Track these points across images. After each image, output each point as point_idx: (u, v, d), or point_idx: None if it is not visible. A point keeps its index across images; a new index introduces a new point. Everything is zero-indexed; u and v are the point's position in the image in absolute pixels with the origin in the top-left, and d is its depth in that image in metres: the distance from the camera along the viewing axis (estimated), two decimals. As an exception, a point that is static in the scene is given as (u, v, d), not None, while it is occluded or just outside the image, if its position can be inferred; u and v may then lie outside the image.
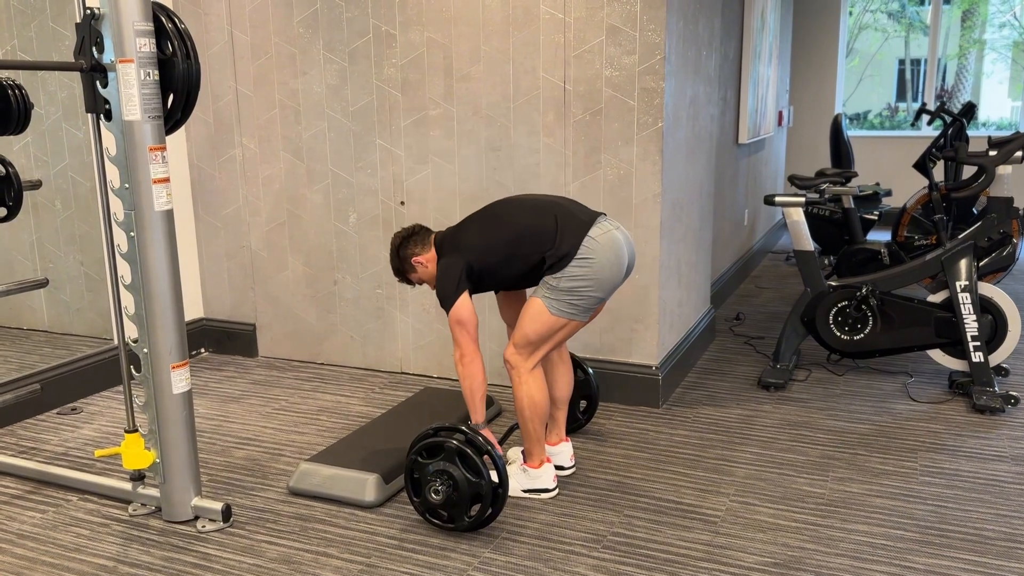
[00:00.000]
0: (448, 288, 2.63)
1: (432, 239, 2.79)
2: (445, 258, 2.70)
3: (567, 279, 2.61)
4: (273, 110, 4.07)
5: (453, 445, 2.54)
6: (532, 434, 2.78)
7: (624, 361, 3.63)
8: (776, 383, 3.81)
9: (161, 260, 2.54)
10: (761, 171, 6.56)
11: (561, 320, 2.65)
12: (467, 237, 2.70)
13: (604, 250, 2.62)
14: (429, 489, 2.56)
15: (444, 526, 2.62)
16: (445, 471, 2.55)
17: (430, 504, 2.59)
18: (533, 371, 2.72)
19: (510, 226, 2.67)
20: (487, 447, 2.54)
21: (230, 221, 4.31)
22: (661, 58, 3.30)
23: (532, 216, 2.67)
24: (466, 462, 2.54)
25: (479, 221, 2.74)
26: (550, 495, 2.85)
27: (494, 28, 3.54)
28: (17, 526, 2.68)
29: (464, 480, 2.54)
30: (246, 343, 4.42)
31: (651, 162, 3.41)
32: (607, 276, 2.64)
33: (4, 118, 2.77)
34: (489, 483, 2.54)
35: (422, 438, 2.59)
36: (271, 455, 3.20)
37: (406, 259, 2.77)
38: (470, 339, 2.64)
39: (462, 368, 2.66)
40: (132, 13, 2.37)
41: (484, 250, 2.67)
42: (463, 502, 2.55)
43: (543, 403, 2.75)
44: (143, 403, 2.64)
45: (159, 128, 2.48)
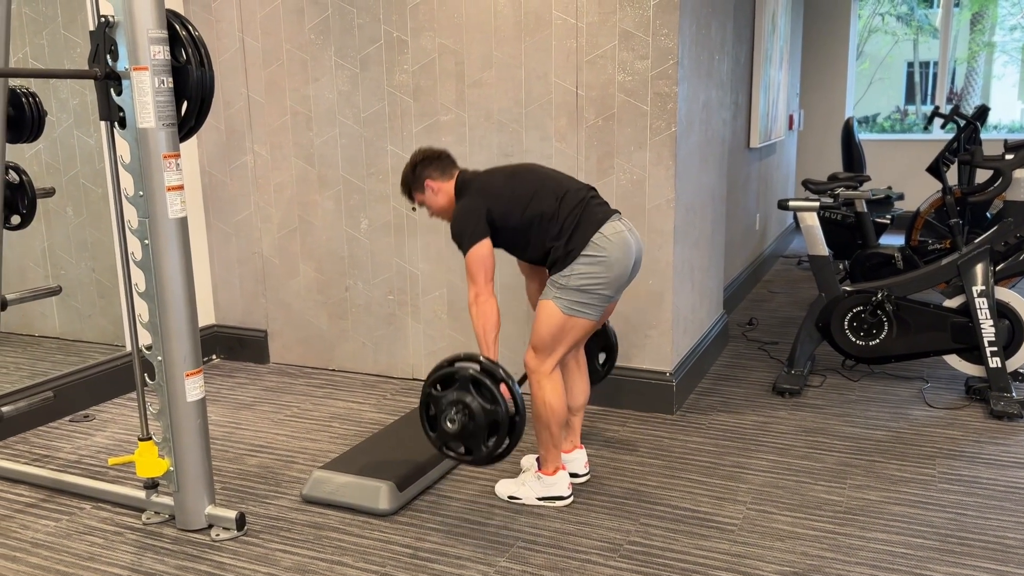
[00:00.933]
0: (466, 228, 2.62)
1: (455, 173, 2.77)
2: (467, 199, 2.68)
3: (576, 277, 2.61)
4: (285, 116, 4.07)
5: (468, 373, 2.49)
6: (548, 440, 2.76)
7: (638, 367, 3.60)
8: (791, 389, 3.78)
9: (175, 268, 2.53)
10: (772, 175, 6.54)
11: (573, 319, 2.64)
12: (493, 188, 2.68)
13: (614, 248, 2.62)
14: (444, 418, 2.51)
15: (462, 459, 2.57)
16: (460, 400, 2.50)
17: (446, 436, 2.54)
18: (551, 375, 2.70)
19: (533, 204, 2.65)
20: (503, 376, 2.49)
21: (242, 227, 4.31)
22: (674, 63, 3.29)
23: (550, 202, 2.65)
24: (481, 391, 2.49)
25: (509, 180, 2.70)
26: (565, 503, 2.82)
27: (506, 34, 3.53)
28: (31, 535, 2.68)
29: (480, 409, 2.48)
30: (258, 350, 4.42)
31: (664, 167, 3.39)
32: (615, 274, 2.63)
33: (18, 126, 2.78)
34: (506, 411, 2.48)
35: (437, 370, 2.55)
36: (284, 462, 3.19)
37: (419, 178, 2.76)
38: (486, 281, 2.61)
39: (476, 308, 2.61)
40: (146, 21, 2.37)
41: (505, 212, 2.65)
42: (479, 432, 2.49)
43: (560, 409, 2.73)
44: (157, 411, 2.63)
45: (173, 136, 2.48)
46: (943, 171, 5.09)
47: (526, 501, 2.83)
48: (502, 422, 2.49)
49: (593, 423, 3.49)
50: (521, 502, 2.83)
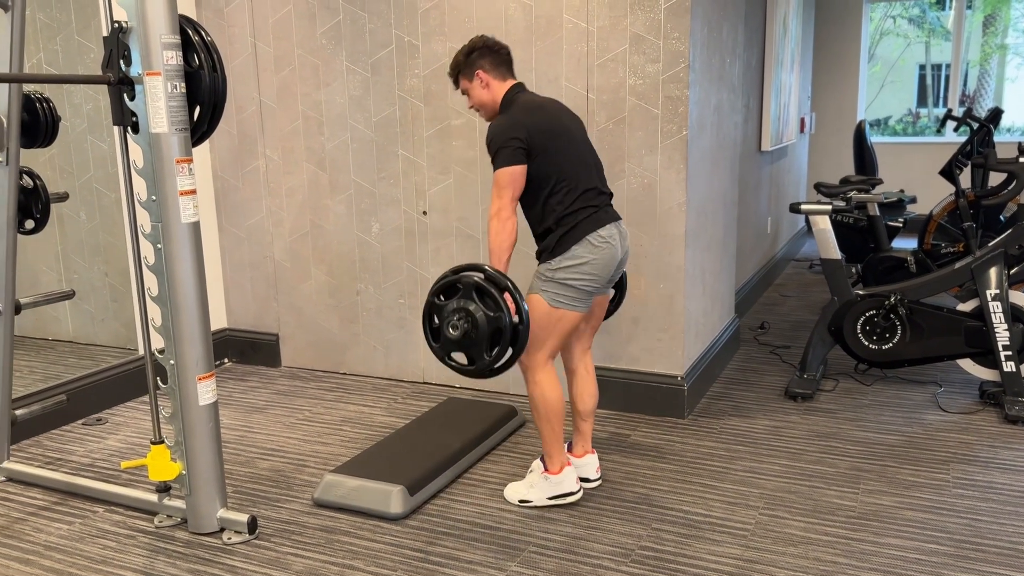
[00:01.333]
0: (507, 145, 2.58)
1: (508, 78, 2.76)
2: (518, 116, 2.64)
3: (561, 271, 2.64)
4: (296, 121, 4.08)
5: (471, 281, 2.49)
6: (549, 435, 2.76)
7: (649, 371, 3.60)
8: (803, 393, 3.76)
9: (188, 272, 2.54)
10: (784, 178, 6.51)
11: (560, 311, 2.67)
12: (542, 127, 2.64)
13: (601, 252, 2.66)
14: (447, 325, 2.50)
15: (465, 369, 2.57)
16: (464, 308, 2.49)
17: (449, 344, 2.53)
18: (545, 369, 2.72)
19: (564, 176, 2.66)
20: (507, 283, 2.49)
21: (254, 232, 4.33)
22: (685, 66, 3.28)
23: (573, 185, 2.66)
24: (484, 298, 2.49)
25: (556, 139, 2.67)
26: (574, 498, 2.82)
27: (517, 38, 3.53)
28: (44, 537, 2.69)
29: (483, 316, 2.47)
30: (270, 353, 4.43)
31: (676, 171, 3.38)
32: (599, 274, 2.68)
33: (32, 131, 2.80)
34: (509, 319, 2.47)
35: (441, 279, 2.55)
36: (296, 466, 3.19)
37: (472, 64, 2.73)
38: (511, 199, 2.61)
39: (496, 222, 2.59)
40: (159, 26, 2.38)
41: (538, 156, 2.63)
42: (482, 340, 2.49)
43: (556, 402, 2.73)
44: (169, 414, 2.64)
45: (186, 140, 2.49)
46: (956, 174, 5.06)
47: (537, 503, 2.82)
48: (505, 329, 2.48)
49: (604, 427, 3.48)
50: (532, 504, 2.83)
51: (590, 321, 2.90)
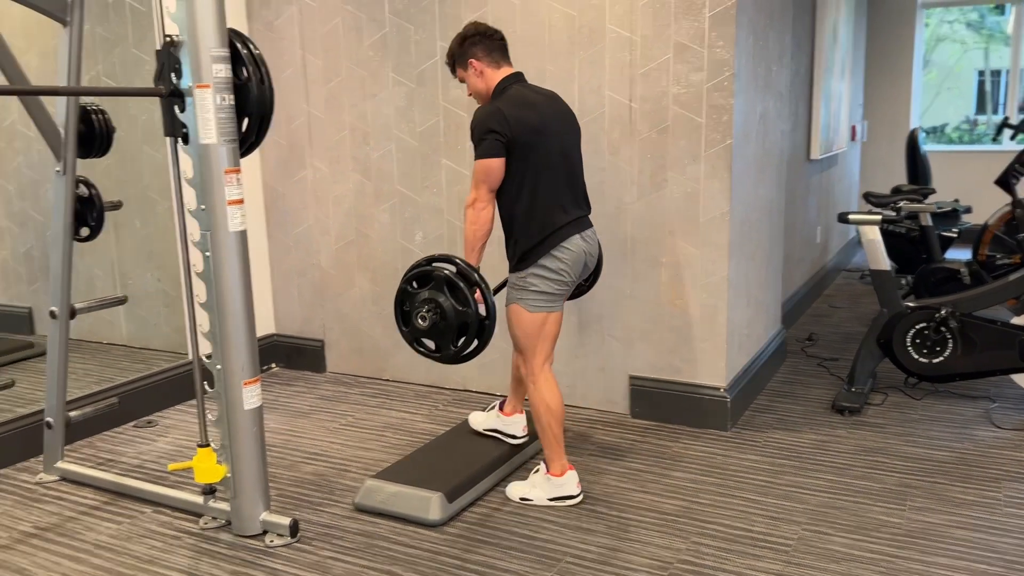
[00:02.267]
0: (488, 136, 2.63)
1: (503, 65, 2.80)
2: (505, 109, 2.67)
3: (531, 278, 2.75)
4: (343, 132, 4.15)
5: (443, 274, 2.59)
6: (550, 439, 2.84)
7: (690, 382, 3.56)
8: (851, 407, 3.69)
9: (235, 279, 2.60)
10: (834, 187, 6.41)
11: (541, 315, 2.77)
12: (527, 126, 2.67)
13: (566, 254, 2.75)
14: (417, 315, 2.60)
15: (431, 355, 2.70)
16: (434, 299, 2.59)
17: (418, 332, 2.63)
18: (544, 374, 2.82)
19: (541, 180, 2.71)
20: (476, 278, 2.58)
21: (301, 240, 4.40)
22: (730, 75, 3.26)
23: (547, 195, 2.72)
24: (455, 292, 2.59)
25: (540, 135, 2.70)
26: (574, 501, 2.88)
27: (560, 48, 3.54)
28: (94, 536, 2.77)
29: (452, 309, 2.58)
30: (315, 359, 4.50)
31: (719, 180, 3.36)
32: (569, 270, 2.78)
33: (87, 141, 2.89)
34: (476, 314, 2.58)
35: (415, 267, 2.66)
36: (338, 471, 3.24)
37: (465, 54, 2.78)
38: (488, 190, 2.68)
39: (472, 211, 2.67)
40: (208, 39, 2.44)
41: (515, 154, 2.67)
42: (450, 331, 2.59)
43: (557, 407, 2.82)
44: (215, 418, 2.70)
45: (234, 151, 2.55)
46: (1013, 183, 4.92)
47: (537, 502, 2.89)
48: (471, 324, 2.59)
49: (644, 438, 3.46)
50: (532, 503, 2.90)
51: None
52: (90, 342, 4.68)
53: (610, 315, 3.66)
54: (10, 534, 2.79)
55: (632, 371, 3.67)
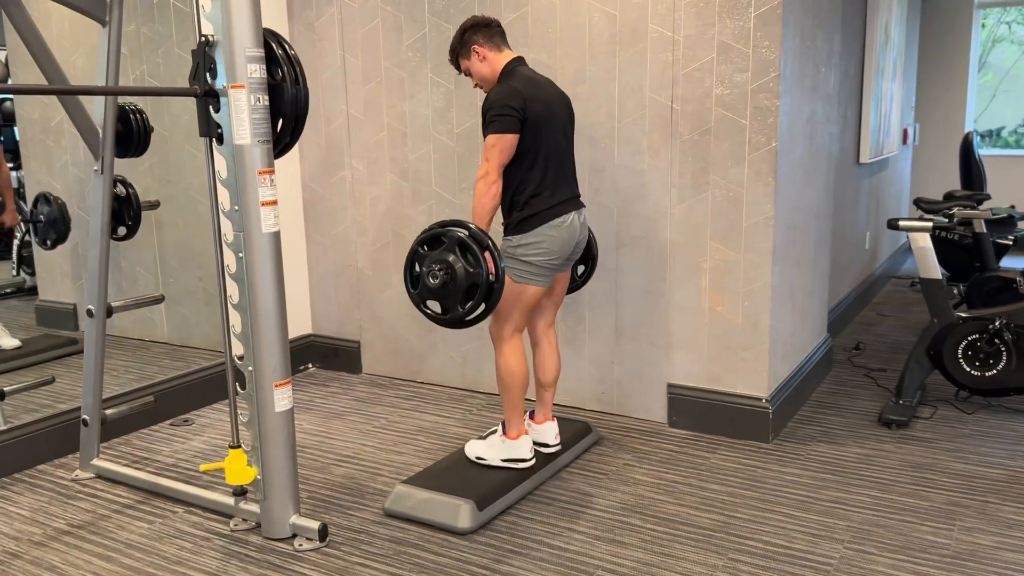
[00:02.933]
0: (503, 112, 2.71)
1: (504, 49, 2.91)
2: (513, 84, 2.78)
3: (522, 247, 2.83)
4: (382, 132, 4.13)
5: (455, 235, 2.62)
6: (509, 404, 2.96)
7: (731, 392, 3.47)
8: (898, 420, 3.56)
9: (268, 280, 2.58)
10: (884, 192, 6.23)
11: (523, 285, 2.85)
12: (539, 101, 2.80)
13: (560, 229, 2.85)
14: (428, 274, 2.64)
15: (437, 318, 2.71)
16: (445, 260, 2.63)
17: (426, 292, 2.67)
18: (511, 342, 2.91)
19: (540, 156, 2.82)
20: (488, 242, 2.62)
21: (339, 240, 4.40)
22: (776, 75, 3.16)
23: (547, 168, 2.84)
24: (466, 253, 2.62)
25: (548, 121, 2.83)
26: (526, 464, 3.01)
27: (600, 48, 3.48)
28: (126, 535, 2.77)
29: (463, 270, 2.61)
30: (351, 360, 4.49)
31: (763, 183, 3.26)
32: (558, 249, 2.87)
33: (125, 141, 2.90)
34: (486, 276, 2.60)
35: (427, 231, 2.69)
36: (369, 474, 3.21)
37: (467, 43, 2.88)
38: (499, 165, 2.75)
39: (483, 184, 2.75)
40: (243, 39, 2.43)
41: (526, 131, 2.77)
42: (458, 292, 2.62)
43: (520, 373, 2.92)
44: (247, 420, 2.68)
45: (268, 152, 2.53)
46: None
47: (491, 462, 3.02)
48: (480, 285, 2.62)
49: (682, 448, 3.37)
50: (486, 462, 3.02)
51: (551, 296, 3.09)
52: (131, 339, 4.74)
53: (648, 321, 3.58)
54: (44, 531, 2.81)
55: (670, 379, 3.58)
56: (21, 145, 4.77)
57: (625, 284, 3.61)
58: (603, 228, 3.59)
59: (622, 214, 3.56)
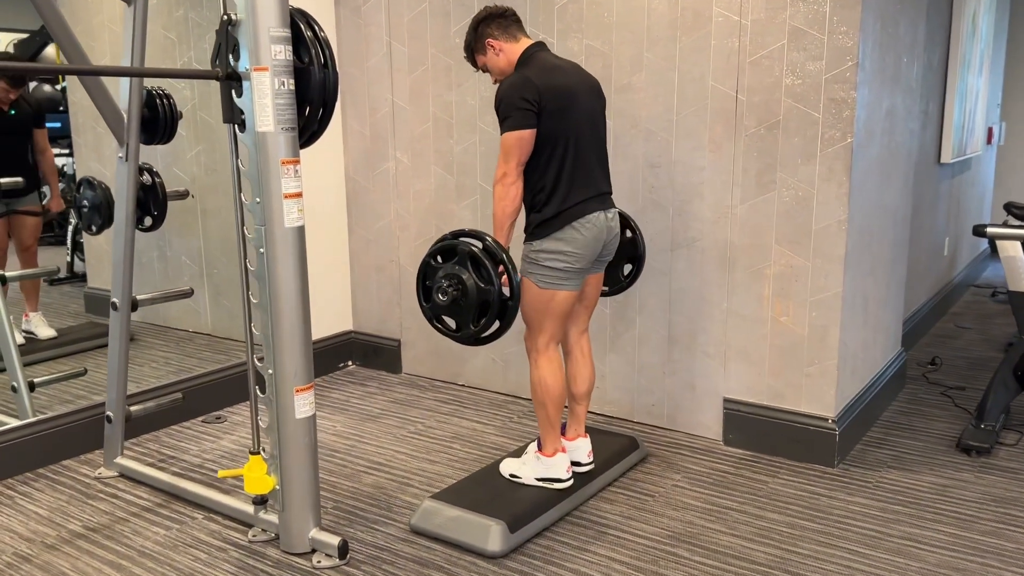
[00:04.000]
0: (515, 105, 2.49)
1: (520, 37, 2.68)
2: (525, 73, 2.55)
3: (544, 254, 2.60)
4: (427, 123, 3.94)
5: (467, 249, 2.46)
6: (545, 419, 2.74)
7: (794, 410, 3.18)
8: (979, 446, 3.23)
9: (290, 279, 2.41)
10: (966, 194, 5.80)
11: (550, 291, 2.63)
12: (555, 87, 2.55)
13: (584, 230, 2.61)
14: (437, 290, 2.49)
15: (451, 335, 2.56)
16: (456, 275, 2.47)
17: (438, 308, 2.51)
18: (547, 354, 2.69)
19: (563, 150, 2.58)
20: (503, 256, 2.44)
21: (381, 235, 4.23)
22: (853, 64, 2.86)
23: (563, 176, 2.59)
24: (478, 268, 2.45)
25: (567, 109, 2.57)
26: (563, 485, 2.78)
27: (659, 33, 3.22)
28: (140, 542, 2.64)
29: (474, 286, 2.45)
30: (391, 359, 4.32)
31: (836, 183, 2.97)
32: (583, 250, 2.62)
33: (151, 127, 2.77)
34: (499, 294, 2.44)
35: (440, 241, 2.53)
36: (399, 484, 3.02)
37: (481, 36, 2.68)
38: (518, 163, 2.54)
39: (500, 187, 2.54)
40: (269, 19, 2.25)
41: (544, 120, 2.53)
42: (470, 309, 2.46)
43: (556, 388, 2.70)
44: (266, 425, 2.52)
45: (292, 140, 2.35)
46: None
47: (525, 480, 2.81)
48: (493, 303, 2.44)
49: (738, 470, 3.10)
50: (520, 481, 2.81)
51: (583, 301, 2.84)
52: (176, 330, 4.66)
53: (704, 329, 3.32)
54: (59, 532, 2.70)
55: (727, 393, 3.31)
56: (73, 132, 4.73)
57: (680, 289, 3.35)
58: (658, 228, 3.34)
59: (678, 213, 3.30)
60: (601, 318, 3.55)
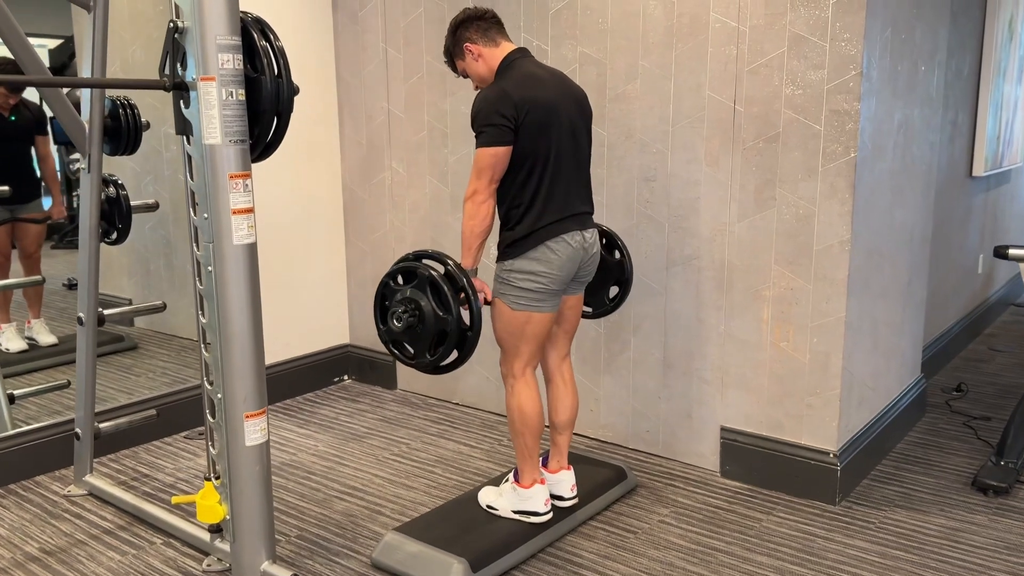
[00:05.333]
0: (491, 121, 2.35)
1: (501, 42, 2.53)
2: (503, 86, 2.40)
3: (515, 273, 2.46)
4: (422, 132, 3.81)
5: (427, 273, 2.32)
6: (522, 448, 2.59)
7: (794, 442, 2.98)
8: (997, 486, 2.98)
9: (240, 298, 2.29)
10: (1004, 209, 5.49)
11: (524, 313, 2.47)
12: (539, 102, 2.40)
13: (559, 251, 2.45)
14: (393, 316, 2.35)
15: (406, 361, 2.42)
16: (413, 299, 2.33)
17: (393, 333, 2.38)
18: (523, 379, 2.55)
19: (540, 167, 2.43)
20: (464, 282, 2.32)
21: (377, 246, 4.11)
22: (857, 73, 2.66)
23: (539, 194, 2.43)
24: (438, 294, 2.31)
25: (545, 126, 2.42)
26: (540, 519, 2.61)
27: (655, 40, 3.05)
28: (93, 567, 2.54)
29: (431, 314, 2.31)
30: (387, 374, 4.20)
31: (839, 201, 2.76)
32: (557, 271, 2.47)
33: (115, 137, 2.68)
34: (458, 323, 2.29)
35: (401, 260, 2.41)
36: (370, 512, 2.89)
37: (459, 40, 2.55)
38: (490, 182, 2.40)
39: (471, 204, 2.40)
40: (216, 26, 2.13)
41: (522, 136, 2.38)
42: (427, 336, 2.33)
43: (533, 416, 2.55)
44: (216, 452, 2.41)
45: (242, 153, 2.23)
46: None
47: (501, 512, 2.66)
48: (451, 333, 2.30)
49: (732, 505, 2.91)
50: (497, 512, 2.66)
51: (562, 324, 2.68)
52: (181, 338, 4.61)
53: (701, 353, 3.13)
54: (13, 555, 2.62)
55: (725, 422, 3.12)
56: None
57: (675, 310, 3.16)
58: (652, 244, 3.16)
59: (674, 230, 3.12)
60: (595, 338, 3.38)
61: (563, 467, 2.76)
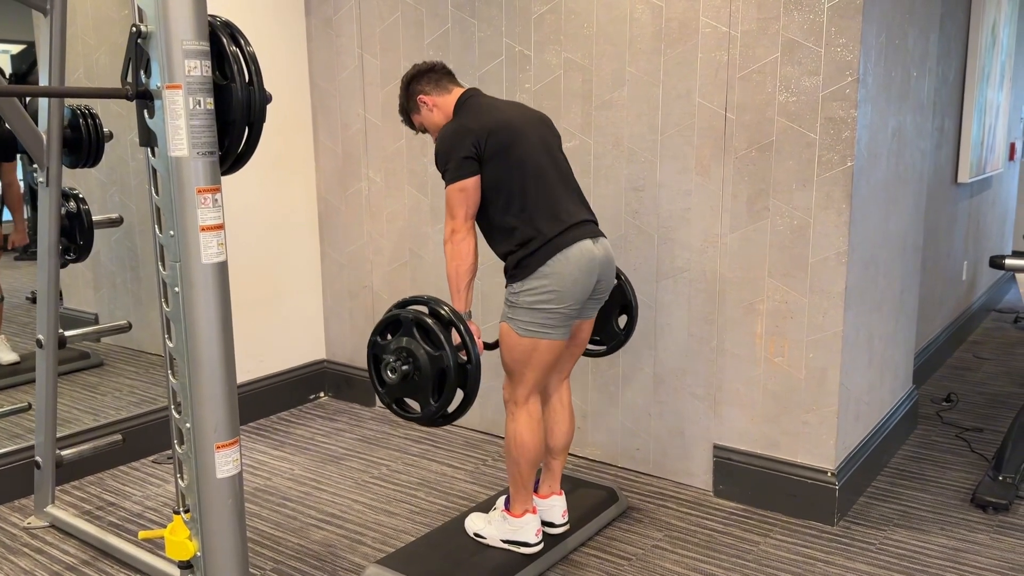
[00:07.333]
0: (453, 155, 2.31)
1: (452, 88, 2.49)
2: (460, 120, 2.38)
3: (525, 294, 2.34)
4: (400, 140, 3.68)
5: (411, 316, 2.19)
6: (516, 477, 2.48)
7: (789, 461, 2.88)
8: (996, 502, 2.91)
9: (210, 320, 2.14)
10: (986, 215, 5.46)
11: (532, 340, 2.36)
12: (499, 128, 2.34)
13: (570, 262, 2.33)
14: (386, 368, 2.21)
15: (414, 419, 2.27)
16: (404, 347, 2.20)
17: (392, 389, 2.25)
18: (527, 407, 2.44)
19: (522, 183, 2.34)
20: (453, 318, 2.19)
21: (354, 259, 3.97)
22: (853, 80, 2.57)
23: (529, 211, 2.34)
24: (426, 334, 2.18)
25: (515, 146, 2.34)
26: (531, 550, 2.49)
27: (643, 46, 2.94)
28: (52, 609, 2.38)
29: (424, 355, 2.17)
30: (364, 390, 4.05)
31: (835, 211, 2.67)
32: (570, 287, 2.33)
33: (75, 148, 2.52)
34: (454, 357, 2.16)
35: (386, 314, 2.27)
36: (350, 542, 2.75)
37: (412, 95, 2.50)
38: (465, 217, 2.32)
39: (451, 246, 2.32)
40: (182, 31, 1.99)
41: (494, 166, 2.32)
42: (425, 383, 2.18)
43: (532, 446, 2.44)
44: (185, 484, 2.25)
45: (211, 166, 2.09)
46: None
47: (490, 542, 2.55)
48: (449, 370, 2.16)
49: (727, 527, 2.80)
50: (485, 542, 2.56)
51: (570, 347, 2.55)
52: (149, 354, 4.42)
53: (693, 369, 3.02)
54: (-34, 596, 2.45)
55: (718, 439, 3.02)
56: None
57: (666, 324, 3.06)
58: (641, 256, 3.06)
59: (663, 241, 3.01)
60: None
61: (555, 492, 2.64)
